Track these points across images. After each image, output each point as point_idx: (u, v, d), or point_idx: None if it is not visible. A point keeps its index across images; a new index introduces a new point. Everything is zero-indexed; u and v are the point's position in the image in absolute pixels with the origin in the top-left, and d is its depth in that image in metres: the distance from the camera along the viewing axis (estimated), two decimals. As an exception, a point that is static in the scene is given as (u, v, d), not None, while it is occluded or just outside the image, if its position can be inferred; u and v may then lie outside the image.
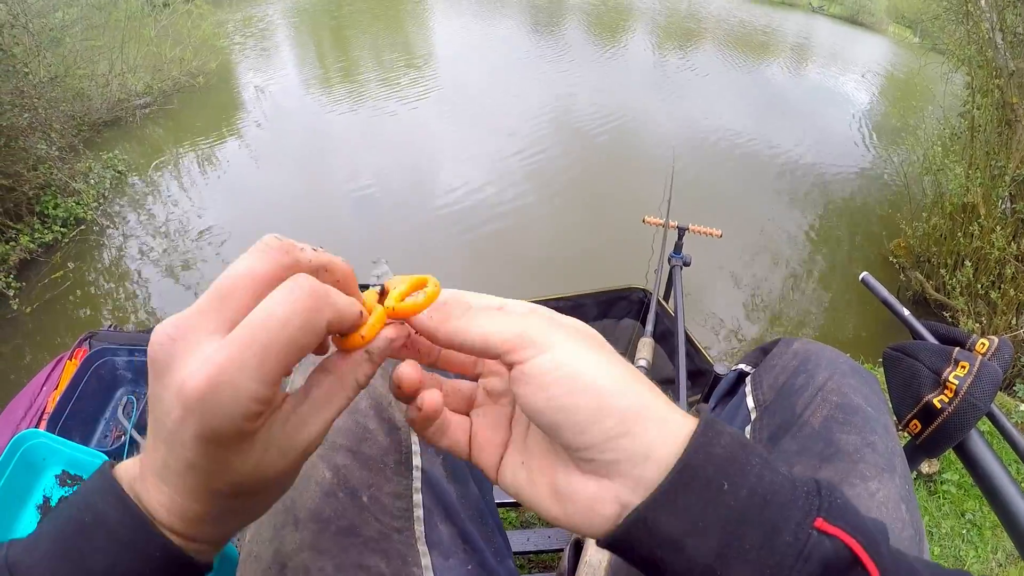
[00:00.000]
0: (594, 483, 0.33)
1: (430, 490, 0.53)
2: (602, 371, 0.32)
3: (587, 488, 0.33)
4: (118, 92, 5.00)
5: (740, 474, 0.31)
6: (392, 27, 8.17)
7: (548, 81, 6.66)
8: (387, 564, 0.48)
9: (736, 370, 0.75)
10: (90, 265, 3.56)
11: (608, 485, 0.32)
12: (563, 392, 0.31)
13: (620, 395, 0.32)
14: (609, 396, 0.31)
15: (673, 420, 0.32)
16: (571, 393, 0.31)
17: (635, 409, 0.32)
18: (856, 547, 0.30)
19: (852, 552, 0.30)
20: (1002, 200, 3.71)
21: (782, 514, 0.30)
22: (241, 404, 0.28)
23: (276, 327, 0.28)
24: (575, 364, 0.32)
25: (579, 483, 0.33)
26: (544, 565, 1.47)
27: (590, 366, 0.32)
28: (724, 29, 9.98)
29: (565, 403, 0.31)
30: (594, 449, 0.32)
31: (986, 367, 0.67)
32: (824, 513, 0.30)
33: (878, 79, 8.88)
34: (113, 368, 1.64)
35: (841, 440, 0.56)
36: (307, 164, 4.73)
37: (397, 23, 8.32)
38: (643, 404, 0.32)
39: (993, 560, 1.91)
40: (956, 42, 4.41)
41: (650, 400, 0.32)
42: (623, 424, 0.31)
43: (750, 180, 5.25)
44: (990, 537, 1.97)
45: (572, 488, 0.33)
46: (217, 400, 0.28)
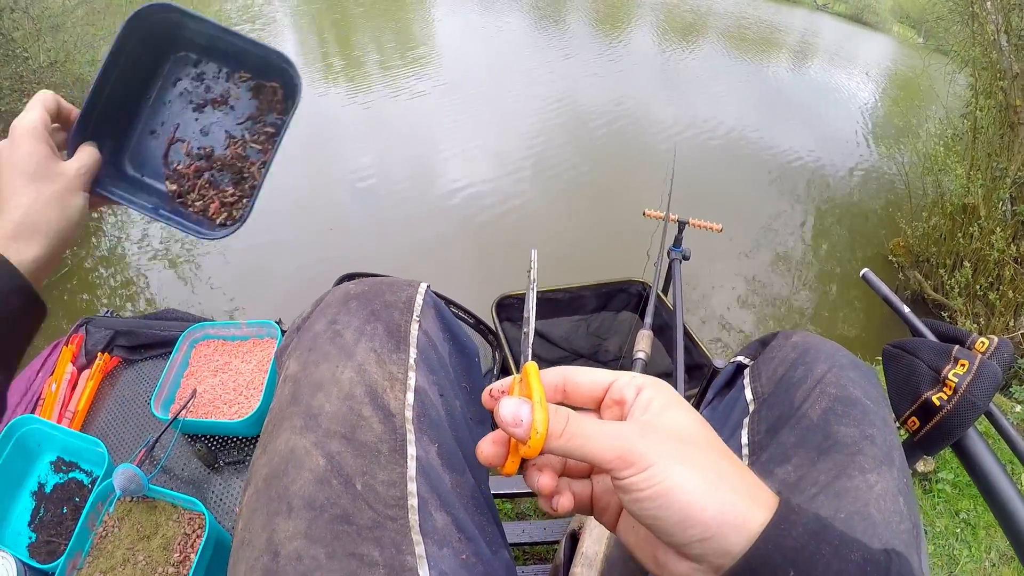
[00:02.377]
0: (686, 564, 0.38)
1: (425, 478, 0.53)
2: (692, 486, 0.36)
3: (680, 566, 0.38)
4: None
5: (807, 563, 0.34)
6: (396, 18, 8.13)
7: (551, 74, 6.64)
8: (380, 552, 0.47)
9: (735, 362, 0.75)
10: (89, 251, 3.55)
11: (696, 568, 0.37)
12: (654, 506, 0.36)
13: (704, 508, 0.35)
14: (694, 510, 0.35)
15: (753, 519, 0.36)
16: (661, 508, 0.36)
17: (717, 518, 0.35)
18: None
19: None
20: (1003, 202, 3.71)
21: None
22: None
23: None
24: (666, 482, 0.36)
25: (673, 560, 0.38)
26: (540, 557, 1.48)
27: (681, 483, 0.36)
28: (727, 24, 9.95)
29: (656, 515, 0.36)
30: (682, 547, 0.37)
31: (986, 366, 0.67)
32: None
33: (881, 78, 8.87)
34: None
35: (839, 432, 0.56)
36: (309, 153, 4.70)
37: (401, 15, 8.29)
38: (724, 511, 0.36)
39: (987, 560, 1.92)
40: (960, 43, 4.40)
41: (731, 505, 0.36)
42: (706, 531, 0.35)
43: (751, 176, 5.24)
44: (984, 536, 1.98)
45: (669, 563, 0.39)
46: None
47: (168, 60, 0.75)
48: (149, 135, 0.75)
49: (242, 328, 1.66)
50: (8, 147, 0.59)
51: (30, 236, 0.57)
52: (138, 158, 0.75)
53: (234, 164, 0.75)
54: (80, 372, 1.63)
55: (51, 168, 0.61)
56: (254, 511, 0.49)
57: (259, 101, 0.76)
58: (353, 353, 0.56)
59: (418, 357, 0.59)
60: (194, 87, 0.76)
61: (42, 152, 0.60)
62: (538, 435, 0.38)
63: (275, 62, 0.73)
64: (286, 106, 0.76)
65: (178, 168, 0.75)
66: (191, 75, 0.76)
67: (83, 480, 1.38)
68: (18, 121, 0.61)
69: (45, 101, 0.64)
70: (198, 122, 0.76)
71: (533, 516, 1.63)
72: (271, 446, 0.52)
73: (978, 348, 0.70)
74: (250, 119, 0.76)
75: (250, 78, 0.76)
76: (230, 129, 0.76)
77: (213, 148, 0.75)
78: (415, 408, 0.55)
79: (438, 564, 0.49)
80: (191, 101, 0.76)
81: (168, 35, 0.72)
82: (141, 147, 0.75)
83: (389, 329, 0.59)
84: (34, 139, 0.60)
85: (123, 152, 0.74)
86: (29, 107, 0.62)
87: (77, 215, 0.63)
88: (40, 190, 0.59)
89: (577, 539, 0.72)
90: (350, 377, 0.54)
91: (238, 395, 1.52)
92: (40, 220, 0.58)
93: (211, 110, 0.76)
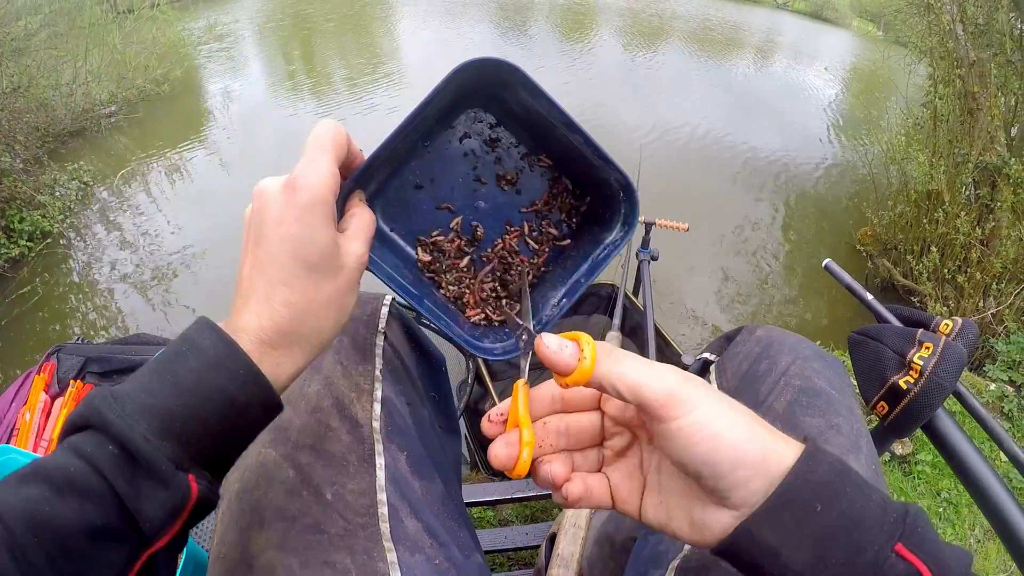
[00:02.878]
0: (727, 514, 0.38)
1: (395, 486, 0.53)
2: (736, 427, 0.38)
3: (722, 519, 0.38)
4: (82, 102, 4.90)
5: (833, 498, 0.36)
6: (360, 32, 8.12)
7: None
8: (352, 560, 0.48)
9: (701, 359, 0.76)
10: (58, 279, 3.49)
11: (739, 516, 0.38)
12: (708, 449, 0.37)
13: (750, 448, 0.37)
14: (742, 451, 0.37)
15: (787, 454, 0.38)
16: (714, 451, 0.37)
17: (762, 456, 0.37)
18: (926, 573, 0.34)
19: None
20: (966, 186, 3.79)
21: (867, 536, 0.35)
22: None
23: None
24: (716, 424, 0.37)
25: (714, 515, 0.39)
26: (524, 562, 1.47)
27: (727, 424, 0.38)
28: (690, 27, 10.07)
29: (708, 459, 0.37)
30: (731, 490, 0.37)
31: (950, 347, 0.68)
32: (904, 539, 0.35)
33: (843, 72, 9.02)
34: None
35: (805, 423, 0.57)
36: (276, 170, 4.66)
37: (365, 29, 8.28)
38: (766, 449, 0.37)
39: (971, 537, 1.95)
40: (918, 34, 4.49)
41: (770, 443, 0.38)
42: (754, 469, 0.37)
43: (717, 174, 5.30)
44: (967, 514, 2.01)
45: (709, 520, 0.39)
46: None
47: (463, 112, 0.62)
48: (414, 188, 0.62)
49: (215, 349, 1.65)
50: (288, 210, 0.43)
51: (292, 345, 0.44)
52: (391, 209, 0.62)
53: (504, 256, 0.63)
54: (53, 400, 1.61)
55: (335, 257, 0.45)
56: (228, 525, 0.50)
57: (550, 194, 0.65)
58: (319, 366, 0.57)
59: (384, 368, 0.60)
60: (483, 152, 0.63)
61: (330, 235, 0.44)
62: (588, 362, 0.39)
63: (602, 174, 0.60)
64: (608, 223, 0.63)
65: (438, 239, 0.63)
66: (484, 136, 0.63)
67: (59, 511, 1.35)
68: (306, 179, 0.44)
69: (337, 147, 0.47)
70: (476, 194, 0.64)
71: (515, 522, 1.63)
72: (242, 461, 0.52)
73: (942, 330, 0.72)
74: (535, 211, 0.65)
75: (551, 165, 0.65)
76: (510, 215, 0.64)
77: (485, 230, 0.64)
78: (382, 418, 0.56)
79: (411, 570, 0.49)
80: (475, 168, 0.63)
81: (481, 91, 0.60)
82: (401, 198, 0.62)
83: (355, 342, 0.60)
84: (325, 213, 0.44)
85: (377, 197, 0.60)
86: (316, 153, 0.45)
87: (346, 319, 0.48)
88: (319, 287, 0.44)
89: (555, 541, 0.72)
90: (317, 390, 0.55)
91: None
92: (310, 328, 0.44)
93: (494, 184, 0.64)
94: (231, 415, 0.40)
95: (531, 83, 0.54)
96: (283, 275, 0.43)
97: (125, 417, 0.37)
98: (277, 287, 0.43)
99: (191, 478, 0.38)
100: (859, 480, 0.38)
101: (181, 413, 0.38)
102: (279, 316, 0.43)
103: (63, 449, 0.37)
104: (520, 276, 0.61)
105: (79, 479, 0.35)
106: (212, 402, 0.39)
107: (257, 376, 0.41)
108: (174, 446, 0.37)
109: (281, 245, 0.43)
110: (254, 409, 0.41)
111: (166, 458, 0.37)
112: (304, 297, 0.43)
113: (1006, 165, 3.49)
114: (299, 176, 0.44)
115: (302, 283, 0.43)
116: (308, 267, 0.43)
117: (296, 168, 0.44)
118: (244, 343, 0.41)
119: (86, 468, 0.36)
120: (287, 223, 0.43)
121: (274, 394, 0.42)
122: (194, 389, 0.39)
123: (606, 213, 0.62)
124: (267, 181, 0.45)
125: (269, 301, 0.43)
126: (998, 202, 3.56)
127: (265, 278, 0.43)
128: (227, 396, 0.39)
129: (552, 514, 1.63)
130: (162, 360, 0.40)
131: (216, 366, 0.40)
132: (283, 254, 0.43)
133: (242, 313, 0.43)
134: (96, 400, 0.38)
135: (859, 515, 0.36)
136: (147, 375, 0.40)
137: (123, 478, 0.36)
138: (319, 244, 0.43)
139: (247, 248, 0.45)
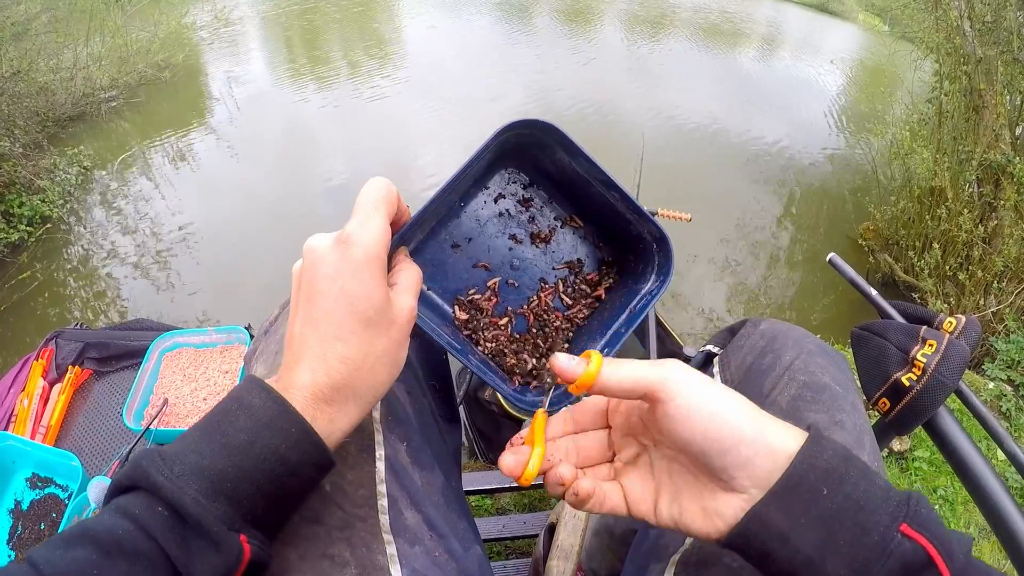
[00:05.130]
0: (736, 498, 0.40)
1: (394, 478, 0.53)
2: (734, 407, 0.40)
3: (730, 503, 0.40)
4: (83, 86, 4.88)
5: (839, 482, 0.37)
6: (365, 20, 8.07)
7: (519, 65, 6.63)
8: (351, 552, 0.47)
9: (704, 351, 0.75)
10: (58, 264, 3.48)
11: (748, 499, 0.39)
12: (705, 425, 0.39)
13: (748, 424, 0.39)
14: (741, 429, 0.39)
15: (790, 439, 0.40)
16: (712, 426, 0.39)
17: (761, 435, 0.39)
18: (932, 550, 0.35)
19: (928, 554, 0.35)
20: (969, 184, 3.78)
21: (872, 518, 0.36)
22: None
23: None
24: (715, 403, 0.40)
25: (724, 500, 0.40)
26: (521, 551, 1.48)
27: (725, 403, 0.40)
28: (695, 17, 10.01)
29: (707, 433, 0.39)
30: (736, 469, 0.39)
31: (954, 345, 0.68)
32: (908, 520, 0.36)
33: (848, 66, 8.97)
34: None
35: (809, 419, 0.56)
36: (280, 156, 4.65)
37: (369, 16, 8.23)
38: (765, 429, 0.40)
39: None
40: (925, 30, 4.47)
41: (770, 425, 0.40)
42: (753, 447, 0.39)
43: (721, 165, 5.28)
44: (962, 512, 2.02)
45: (720, 506, 0.41)
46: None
47: (497, 172, 0.64)
48: (451, 247, 0.63)
49: (211, 335, 1.65)
50: (342, 267, 0.43)
51: (347, 401, 0.43)
52: (428, 269, 0.63)
53: (540, 314, 0.65)
54: (51, 386, 1.61)
55: (388, 312, 0.45)
56: None
57: (582, 252, 0.66)
58: None
59: None
60: (517, 211, 0.65)
61: (384, 290, 0.45)
62: (592, 368, 0.42)
63: (637, 228, 0.61)
64: (641, 275, 0.63)
65: (475, 298, 0.64)
66: (518, 196, 0.65)
67: (59, 495, 1.36)
68: (360, 236, 0.44)
69: (389, 204, 0.47)
70: (511, 252, 0.65)
71: (513, 511, 1.63)
72: None
73: (946, 328, 0.71)
74: (568, 267, 0.66)
75: (581, 226, 0.66)
76: (544, 271, 0.66)
77: (520, 287, 0.65)
78: (382, 408, 0.55)
79: (410, 562, 0.49)
80: (509, 226, 0.65)
81: (517, 152, 0.61)
82: (438, 257, 0.63)
83: None
84: (379, 269, 0.44)
85: (414, 256, 0.59)
86: (370, 210, 0.45)
87: (399, 372, 0.48)
88: (374, 342, 0.44)
89: (554, 532, 0.72)
90: None
91: (210, 402, 1.51)
92: (365, 384, 0.44)
93: (528, 242, 0.65)
94: (283, 475, 0.40)
95: (570, 143, 0.55)
96: (339, 331, 0.43)
97: (174, 479, 0.37)
98: (332, 343, 0.43)
99: (243, 539, 0.38)
100: (862, 465, 0.39)
101: (232, 474, 0.38)
102: (335, 372, 0.42)
103: (110, 511, 0.37)
104: (556, 332, 0.64)
105: (128, 542, 0.35)
106: (264, 462, 0.39)
107: (310, 435, 0.41)
108: (225, 507, 0.37)
109: (336, 301, 0.43)
110: (306, 468, 0.41)
111: (217, 519, 0.37)
112: (360, 352, 0.43)
113: (1010, 163, 3.48)
114: (353, 233, 0.44)
115: (358, 338, 0.43)
116: (364, 322, 0.43)
117: (349, 225, 0.44)
118: (296, 400, 0.41)
119: (135, 530, 0.36)
120: (342, 279, 0.43)
121: (327, 453, 0.42)
122: (245, 449, 0.39)
123: (639, 265, 0.64)
124: (317, 238, 0.45)
125: (325, 357, 0.43)
126: (1001, 200, 3.54)
127: (319, 334, 0.43)
128: (279, 456, 0.39)
129: (550, 503, 1.63)
130: (210, 419, 0.41)
131: (268, 426, 0.40)
132: (338, 310, 0.43)
133: (295, 370, 0.43)
134: (144, 461, 0.38)
135: (864, 497, 0.37)
136: (195, 435, 0.40)
137: (174, 540, 0.36)
138: (374, 299, 0.43)
139: (297, 304, 0.45)
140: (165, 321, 2.08)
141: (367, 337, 0.43)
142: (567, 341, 0.64)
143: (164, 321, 2.05)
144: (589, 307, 0.66)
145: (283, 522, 0.43)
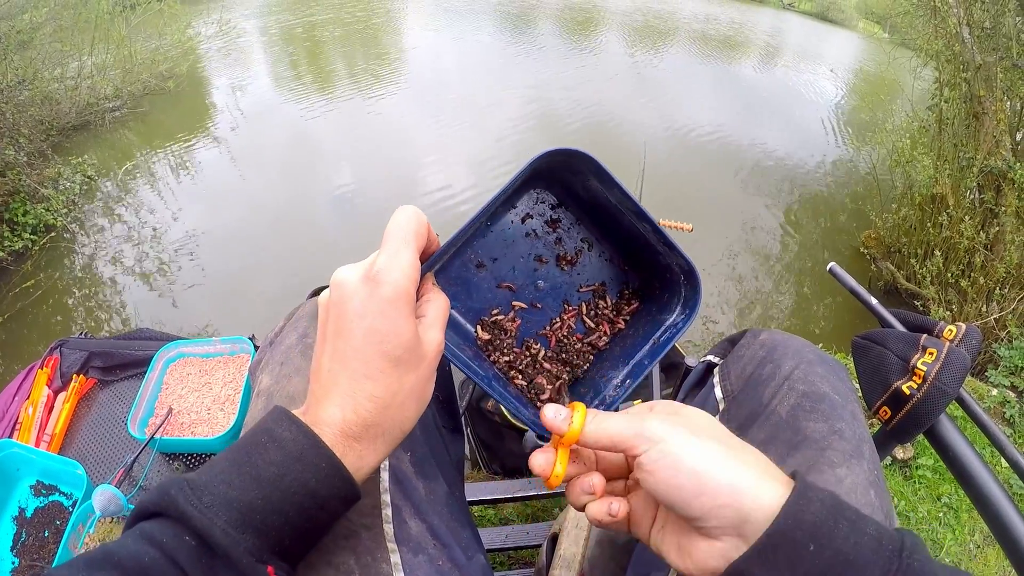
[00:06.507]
0: (705, 543, 0.41)
1: (398, 487, 0.53)
2: (700, 457, 0.40)
3: (700, 547, 0.41)
4: (87, 96, 4.89)
5: (827, 537, 0.37)
6: (368, 32, 8.11)
7: (523, 75, 6.65)
8: (356, 561, 0.48)
9: (704, 361, 0.76)
10: (62, 273, 3.49)
11: (717, 545, 0.40)
12: (668, 476, 0.40)
13: (714, 476, 0.40)
14: (705, 478, 0.39)
15: (767, 490, 0.39)
16: (675, 477, 0.40)
17: (729, 486, 0.39)
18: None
19: None
20: (970, 191, 3.78)
21: (861, 574, 0.36)
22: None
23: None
24: (678, 453, 0.41)
25: (695, 543, 0.42)
26: (524, 561, 1.48)
27: (690, 454, 0.41)
28: (696, 27, 10.04)
29: (671, 484, 0.40)
30: (700, 519, 0.40)
31: (954, 353, 0.68)
32: (901, 575, 0.36)
33: (848, 74, 8.99)
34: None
35: (808, 428, 0.57)
36: (283, 166, 4.67)
37: (373, 28, 8.27)
38: (735, 481, 0.39)
39: (971, 542, 1.95)
40: (924, 37, 4.47)
41: (742, 475, 0.40)
42: (718, 499, 0.39)
43: (722, 174, 5.28)
44: (967, 520, 2.01)
45: (691, 546, 0.42)
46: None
47: (526, 192, 0.63)
48: (476, 266, 0.62)
49: (215, 345, 1.65)
50: (371, 304, 0.43)
51: (376, 438, 0.44)
52: (452, 288, 0.62)
53: (562, 339, 0.64)
54: (56, 395, 1.61)
55: (417, 349, 0.45)
56: None
57: (607, 276, 0.66)
58: None
59: None
60: (543, 232, 0.64)
61: (412, 328, 0.44)
62: (576, 425, 0.45)
63: (665, 259, 0.61)
64: (667, 304, 0.63)
65: (499, 319, 0.63)
66: (545, 217, 0.64)
67: (63, 503, 1.36)
68: (390, 273, 0.43)
69: (419, 237, 0.46)
70: (536, 273, 0.64)
71: (516, 521, 1.63)
72: None
73: (946, 336, 0.72)
74: (592, 291, 0.65)
75: (608, 250, 0.65)
76: (568, 294, 0.65)
77: (544, 308, 0.64)
78: None
79: (414, 571, 0.50)
80: (535, 247, 0.64)
81: (549, 175, 0.61)
82: (463, 277, 0.62)
83: None
84: (408, 306, 0.44)
85: (439, 275, 0.58)
86: (400, 244, 0.45)
87: (426, 407, 0.48)
88: (403, 380, 0.44)
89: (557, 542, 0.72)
90: None
91: (214, 412, 1.51)
92: (393, 420, 0.44)
93: (553, 263, 0.64)
94: (312, 508, 0.40)
95: (607, 175, 0.55)
96: (367, 369, 0.43)
97: (204, 509, 0.37)
98: (361, 381, 0.43)
99: (270, 570, 0.38)
100: (852, 515, 0.38)
101: (261, 506, 0.38)
102: (364, 410, 0.43)
103: (134, 536, 0.37)
104: (577, 355, 0.63)
105: (154, 569, 0.35)
106: (293, 495, 0.39)
107: (340, 470, 0.41)
108: (253, 539, 0.38)
109: (365, 339, 0.43)
110: (334, 503, 0.42)
111: (246, 551, 0.37)
112: (388, 390, 0.43)
113: (1011, 170, 3.48)
114: (382, 270, 0.43)
115: (386, 377, 0.43)
116: (392, 361, 0.43)
117: (379, 260, 0.44)
118: (326, 436, 0.42)
119: (162, 558, 0.36)
120: (370, 317, 0.43)
121: (356, 488, 0.42)
122: (275, 482, 0.39)
123: (664, 295, 0.63)
124: (346, 272, 0.45)
125: (353, 395, 0.43)
126: (1002, 206, 3.54)
127: (348, 371, 0.43)
128: (309, 490, 0.40)
129: (553, 513, 1.63)
130: (239, 450, 0.41)
131: (298, 459, 0.40)
132: (367, 348, 0.43)
133: (323, 405, 0.43)
134: (172, 490, 0.38)
135: (853, 552, 0.36)
136: (223, 465, 0.40)
137: (201, 570, 0.36)
138: (403, 338, 0.43)
139: (325, 337, 0.45)
140: (168, 330, 2.09)
141: (396, 375, 0.43)
142: (587, 365, 0.64)
143: (167, 330, 2.05)
144: (612, 333, 0.65)
145: (307, 552, 0.44)
